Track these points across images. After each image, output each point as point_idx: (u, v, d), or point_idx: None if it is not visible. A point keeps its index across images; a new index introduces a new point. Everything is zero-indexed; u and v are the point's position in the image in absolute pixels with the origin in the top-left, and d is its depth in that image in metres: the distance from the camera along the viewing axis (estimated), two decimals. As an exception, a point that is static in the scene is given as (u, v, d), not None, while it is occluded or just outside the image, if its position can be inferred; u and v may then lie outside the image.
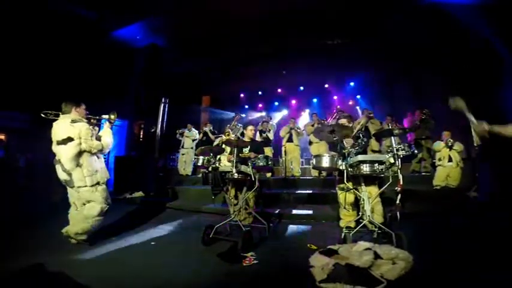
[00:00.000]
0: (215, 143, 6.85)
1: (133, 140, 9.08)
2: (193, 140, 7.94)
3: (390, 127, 3.72)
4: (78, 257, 2.56)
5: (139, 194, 5.97)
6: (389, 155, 2.55)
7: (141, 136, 10.65)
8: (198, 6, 6.22)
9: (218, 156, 3.68)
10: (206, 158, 3.56)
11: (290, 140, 6.90)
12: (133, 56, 8.09)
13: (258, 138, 6.63)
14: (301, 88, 11.14)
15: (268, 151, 6.60)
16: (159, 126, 9.00)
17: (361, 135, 3.28)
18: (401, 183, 2.44)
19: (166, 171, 7.97)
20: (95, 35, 6.79)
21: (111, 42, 7.22)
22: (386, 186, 2.70)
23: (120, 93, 8.01)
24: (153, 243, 3.04)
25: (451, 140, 5.24)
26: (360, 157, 2.67)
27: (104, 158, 3.24)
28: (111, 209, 3.07)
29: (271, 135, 6.89)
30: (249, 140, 3.96)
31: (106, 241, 3.01)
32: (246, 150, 3.78)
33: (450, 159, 5.18)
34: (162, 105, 9.13)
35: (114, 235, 3.22)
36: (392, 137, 2.78)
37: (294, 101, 11.72)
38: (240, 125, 7.12)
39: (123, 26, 6.95)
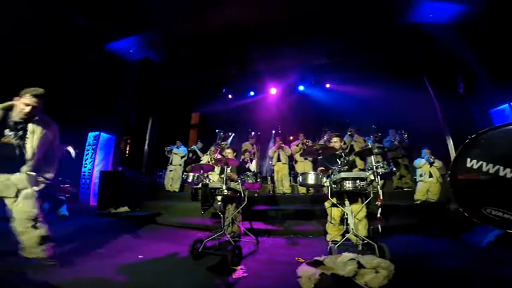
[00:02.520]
0: (202, 161, 6.92)
1: (120, 155, 8.94)
2: (182, 157, 7.95)
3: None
4: (62, 269, 2.47)
5: (125, 209, 5.83)
6: (370, 172, 2.77)
7: (128, 151, 10.54)
8: (196, 22, 6.30)
9: (206, 174, 3.77)
10: (196, 175, 3.66)
11: (278, 159, 7.11)
12: (125, 69, 7.98)
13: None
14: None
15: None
16: (147, 142, 8.96)
17: (343, 154, 3.49)
18: (381, 198, 2.64)
19: (153, 187, 7.85)
20: (88, 45, 6.68)
21: (103, 53, 7.12)
22: (367, 201, 2.90)
23: (108, 107, 7.93)
24: (140, 256, 3.00)
25: (432, 157, 5.73)
26: (343, 174, 2.88)
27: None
28: (95, 223, 3.02)
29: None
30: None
31: (90, 255, 2.94)
32: (228, 169, 3.86)
33: (431, 175, 5.61)
34: (151, 121, 9.14)
35: (99, 248, 3.16)
36: (372, 156, 3.01)
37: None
38: (225, 143, 7.25)
39: (119, 38, 6.91)
